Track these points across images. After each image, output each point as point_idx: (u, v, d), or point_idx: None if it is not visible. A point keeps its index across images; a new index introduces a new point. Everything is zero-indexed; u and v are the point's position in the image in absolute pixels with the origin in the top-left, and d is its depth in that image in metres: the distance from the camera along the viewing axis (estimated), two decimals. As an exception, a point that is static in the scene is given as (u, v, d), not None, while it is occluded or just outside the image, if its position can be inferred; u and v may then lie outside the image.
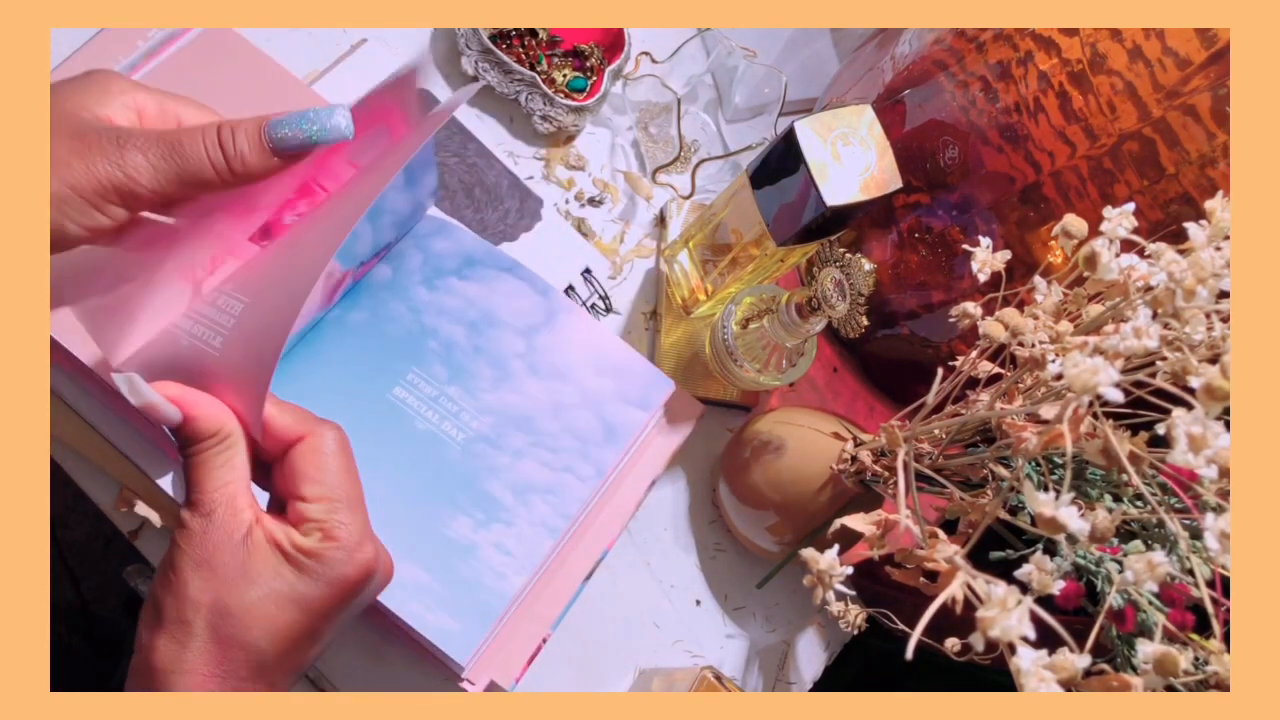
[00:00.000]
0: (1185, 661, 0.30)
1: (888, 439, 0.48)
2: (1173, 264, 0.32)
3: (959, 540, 0.40)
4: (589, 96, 0.68)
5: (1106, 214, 0.37)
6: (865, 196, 0.52)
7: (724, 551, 0.67)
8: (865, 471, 0.54)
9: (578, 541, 0.58)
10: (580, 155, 0.71)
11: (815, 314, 0.55)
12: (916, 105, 0.56)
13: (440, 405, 0.56)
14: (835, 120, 0.53)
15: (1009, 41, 0.51)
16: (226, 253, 0.39)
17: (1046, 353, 0.37)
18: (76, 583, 1.03)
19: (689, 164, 0.72)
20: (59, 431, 0.55)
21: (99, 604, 1.10)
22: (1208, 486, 0.35)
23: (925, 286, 0.57)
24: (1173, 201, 0.47)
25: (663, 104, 0.71)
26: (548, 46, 0.68)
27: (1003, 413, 0.40)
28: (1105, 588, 0.41)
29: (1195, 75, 0.45)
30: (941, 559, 0.38)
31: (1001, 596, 0.29)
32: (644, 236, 0.71)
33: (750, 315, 0.61)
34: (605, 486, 0.58)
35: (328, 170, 0.41)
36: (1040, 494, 0.29)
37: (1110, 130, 0.48)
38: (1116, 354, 0.31)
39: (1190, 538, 0.37)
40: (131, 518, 0.57)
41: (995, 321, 0.39)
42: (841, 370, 0.71)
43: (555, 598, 0.57)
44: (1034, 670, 0.28)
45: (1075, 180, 0.50)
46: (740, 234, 0.59)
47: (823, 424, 0.59)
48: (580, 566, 0.58)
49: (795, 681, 0.67)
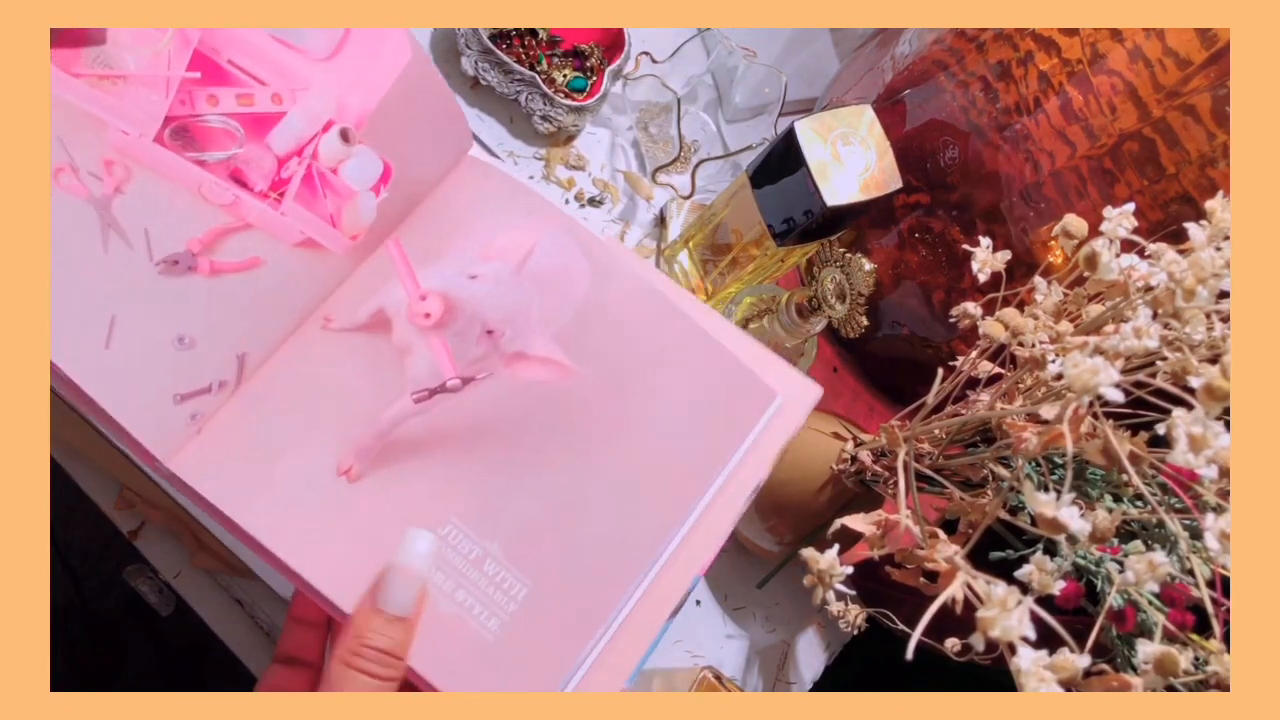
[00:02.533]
0: (1185, 661, 0.30)
1: (888, 439, 0.48)
2: (1173, 264, 0.32)
3: (959, 540, 0.40)
4: (589, 96, 0.68)
5: (1106, 214, 0.37)
6: (865, 196, 0.52)
7: (724, 551, 0.67)
8: (865, 471, 0.54)
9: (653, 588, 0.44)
10: (580, 155, 0.71)
11: (815, 314, 0.55)
12: (916, 105, 0.56)
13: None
14: (835, 120, 0.53)
15: (1009, 41, 0.51)
16: (127, 155, 0.36)
17: (1046, 353, 0.37)
18: (77, 583, 1.03)
19: (689, 164, 0.72)
20: (59, 431, 0.55)
21: (99, 604, 1.10)
22: (1208, 486, 0.35)
23: (925, 286, 0.57)
24: (1173, 201, 0.47)
25: (663, 104, 0.71)
26: (548, 46, 0.68)
27: (1003, 413, 0.40)
28: (1105, 588, 0.41)
29: (1195, 75, 0.45)
30: (941, 559, 0.38)
31: (1001, 597, 0.29)
32: (644, 236, 0.71)
33: (750, 315, 0.61)
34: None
35: (236, 42, 0.38)
36: (1040, 494, 0.29)
37: (1110, 130, 0.48)
38: (1116, 354, 0.31)
39: (1190, 538, 0.37)
40: (131, 518, 0.57)
41: (995, 321, 0.39)
42: (841, 370, 0.71)
43: (629, 648, 0.43)
44: (1034, 670, 0.28)
45: (1075, 180, 0.50)
46: (740, 234, 0.59)
47: (823, 424, 0.59)
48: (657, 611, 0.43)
49: (795, 682, 0.67)
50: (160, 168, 0.37)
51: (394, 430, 0.41)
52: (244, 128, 0.38)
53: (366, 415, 0.41)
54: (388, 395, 0.41)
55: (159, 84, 0.36)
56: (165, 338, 0.37)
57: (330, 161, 0.40)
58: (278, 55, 0.39)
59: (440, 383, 0.42)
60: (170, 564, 0.58)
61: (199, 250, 0.37)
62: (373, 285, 0.43)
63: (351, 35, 0.41)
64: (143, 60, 0.36)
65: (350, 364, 0.41)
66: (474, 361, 0.42)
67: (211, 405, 0.39)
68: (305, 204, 0.40)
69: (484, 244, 0.45)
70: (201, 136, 0.37)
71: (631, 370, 0.44)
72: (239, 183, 0.38)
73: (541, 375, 0.43)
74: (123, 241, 0.36)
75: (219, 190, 0.38)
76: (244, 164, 0.38)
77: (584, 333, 0.44)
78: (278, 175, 0.39)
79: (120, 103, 0.35)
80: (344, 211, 0.41)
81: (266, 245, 0.39)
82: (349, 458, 0.40)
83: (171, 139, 0.37)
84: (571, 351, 0.44)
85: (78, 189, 0.35)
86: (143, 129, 0.36)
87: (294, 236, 0.40)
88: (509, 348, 0.43)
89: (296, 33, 0.39)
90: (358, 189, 0.41)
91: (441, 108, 0.43)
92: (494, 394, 0.42)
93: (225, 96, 0.38)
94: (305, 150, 0.40)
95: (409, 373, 0.42)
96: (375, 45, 0.41)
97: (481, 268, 0.44)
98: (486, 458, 0.41)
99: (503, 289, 0.44)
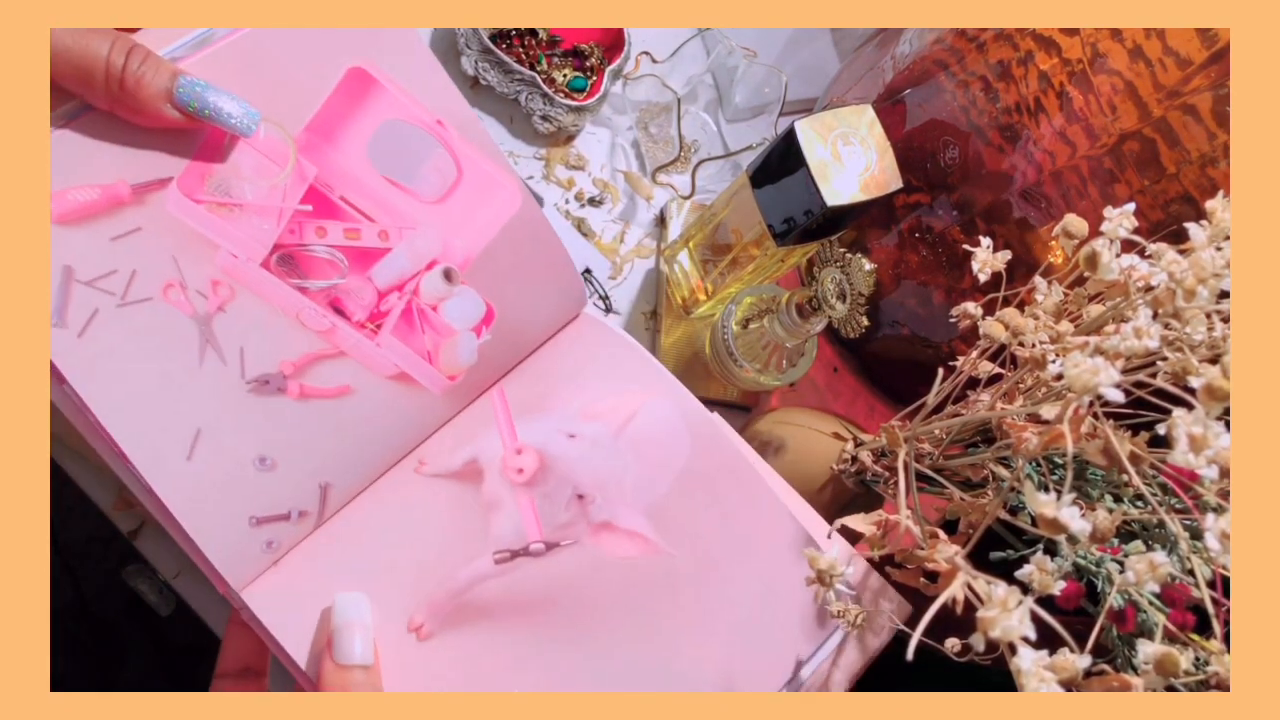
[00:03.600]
0: (1186, 662, 0.30)
1: (888, 439, 0.48)
2: (1173, 264, 0.32)
3: (959, 540, 0.40)
4: (589, 96, 0.68)
5: (1107, 214, 0.37)
6: (865, 196, 0.52)
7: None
8: (865, 471, 0.54)
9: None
10: (580, 155, 0.71)
11: (815, 314, 0.55)
12: (917, 105, 0.56)
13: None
14: (835, 120, 0.53)
15: (1009, 41, 0.51)
16: (233, 277, 0.37)
17: (1047, 353, 0.37)
18: (77, 583, 1.03)
19: (689, 164, 0.72)
20: (59, 431, 0.55)
21: (99, 604, 1.10)
22: (1208, 487, 0.35)
23: (925, 286, 0.57)
24: (1173, 201, 0.47)
25: (663, 104, 0.71)
26: (548, 46, 0.68)
27: (1003, 413, 0.40)
28: (1106, 588, 0.41)
29: (1196, 75, 0.45)
30: (942, 559, 0.38)
31: (1002, 597, 0.29)
32: (644, 236, 0.71)
33: (750, 315, 0.61)
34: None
35: (349, 181, 0.39)
36: (1041, 494, 0.29)
37: (1111, 130, 0.48)
38: (1117, 354, 0.30)
39: (1191, 538, 0.37)
40: (131, 518, 0.57)
41: (995, 321, 0.39)
42: (841, 370, 0.71)
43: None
44: (1034, 671, 0.28)
45: (1075, 180, 0.50)
46: (740, 234, 0.59)
47: (823, 424, 0.59)
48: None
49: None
50: (263, 291, 0.37)
51: (470, 590, 0.39)
52: (348, 260, 0.39)
53: (445, 570, 0.40)
54: (469, 551, 0.40)
55: (272, 213, 0.37)
56: (247, 456, 0.37)
57: (431, 299, 0.41)
58: (388, 195, 0.40)
59: (524, 545, 0.40)
60: (170, 564, 0.58)
61: (291, 373, 0.38)
62: (472, 432, 0.42)
63: (463, 181, 0.41)
64: (259, 191, 0.37)
65: (436, 513, 0.40)
66: (560, 527, 0.41)
67: (290, 535, 0.38)
68: (402, 337, 0.40)
69: (588, 403, 0.43)
70: (306, 265, 0.38)
71: (720, 557, 0.43)
72: (338, 311, 0.39)
73: (627, 551, 0.42)
74: (218, 357, 0.37)
75: (317, 317, 0.38)
76: (345, 294, 0.39)
77: (676, 510, 0.43)
78: (377, 308, 0.40)
79: (234, 228, 0.37)
80: (442, 349, 0.41)
81: (359, 374, 0.39)
82: (421, 614, 0.39)
83: (277, 265, 0.38)
84: (661, 529, 0.42)
85: (183, 305, 0.36)
86: (252, 254, 0.37)
87: (388, 369, 0.40)
88: (597, 516, 0.42)
89: (410, 175, 0.40)
90: (458, 328, 0.41)
91: (550, 258, 0.43)
92: (576, 565, 0.41)
93: (333, 229, 0.39)
94: (407, 286, 0.40)
95: (493, 530, 0.41)
96: (485, 192, 0.41)
97: (581, 427, 0.43)
98: (559, 635, 0.40)
99: (599, 453, 0.43)
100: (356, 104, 0.39)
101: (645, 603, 0.41)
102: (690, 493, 0.43)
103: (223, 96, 0.34)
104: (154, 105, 0.33)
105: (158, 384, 0.35)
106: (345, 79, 0.38)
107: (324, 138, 0.38)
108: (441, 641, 0.39)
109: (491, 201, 0.41)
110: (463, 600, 0.39)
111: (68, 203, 0.34)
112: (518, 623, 0.40)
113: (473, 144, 0.41)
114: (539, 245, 0.42)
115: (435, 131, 0.40)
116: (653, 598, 0.41)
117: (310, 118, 0.38)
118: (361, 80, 0.38)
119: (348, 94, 0.38)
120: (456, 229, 0.41)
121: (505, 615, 0.40)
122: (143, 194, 0.35)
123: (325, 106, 0.38)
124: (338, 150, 0.39)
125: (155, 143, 0.35)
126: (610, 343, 0.45)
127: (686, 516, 0.43)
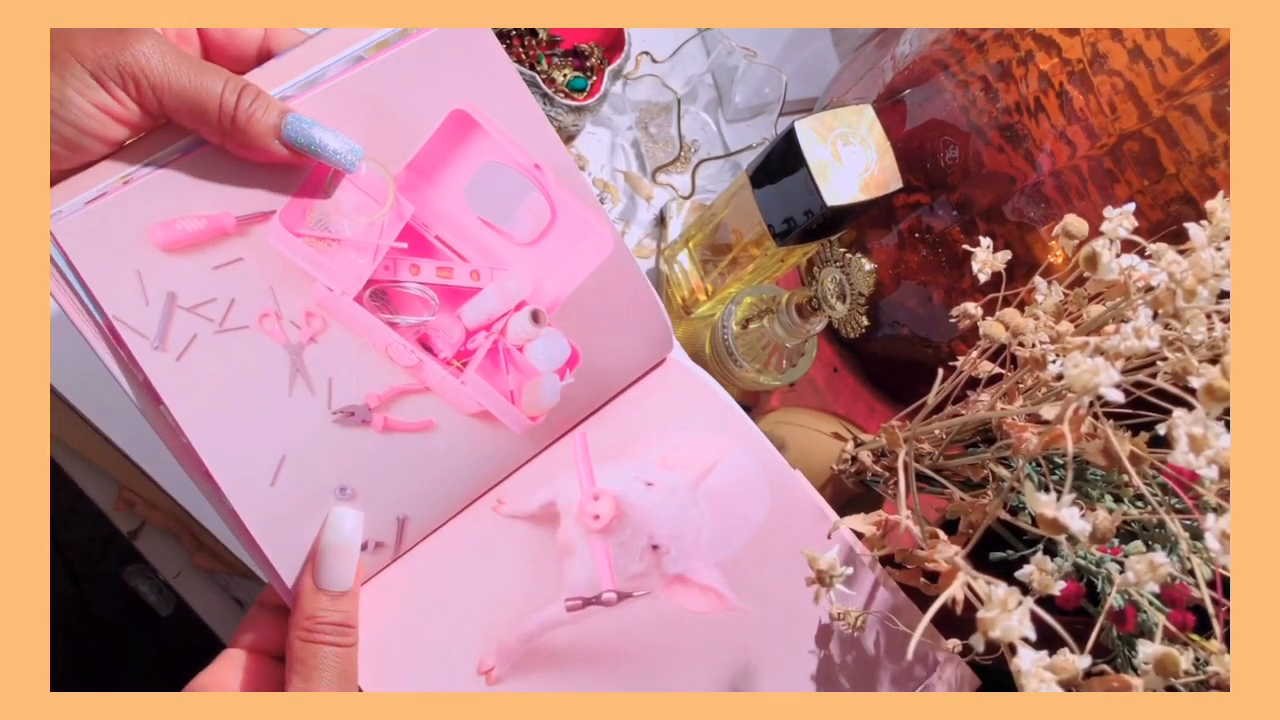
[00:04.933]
0: (1186, 662, 0.30)
1: (888, 439, 0.48)
2: (1173, 264, 0.32)
3: (959, 541, 0.40)
4: (589, 96, 0.68)
5: (1107, 214, 0.37)
6: (865, 196, 0.52)
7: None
8: (865, 472, 0.54)
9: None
10: (580, 155, 0.71)
11: (815, 314, 0.55)
12: (917, 105, 0.56)
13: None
14: (835, 120, 0.53)
15: (1009, 41, 0.51)
16: (326, 309, 0.38)
17: (1047, 353, 0.37)
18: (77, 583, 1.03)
19: (689, 164, 0.72)
20: (59, 431, 0.55)
21: (99, 604, 1.10)
22: (1208, 487, 0.35)
23: (925, 286, 0.57)
24: (1173, 201, 0.47)
25: (663, 104, 0.71)
26: (548, 46, 0.68)
27: (1003, 413, 0.40)
28: (1106, 588, 0.41)
29: (1196, 75, 0.45)
30: (942, 559, 0.38)
31: (1002, 597, 0.29)
32: (644, 236, 0.71)
33: (750, 315, 0.61)
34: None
35: (445, 220, 0.40)
36: (1041, 494, 0.29)
37: (1111, 130, 0.48)
38: (1117, 354, 0.30)
39: (1191, 538, 0.37)
40: (131, 518, 0.57)
41: (995, 322, 0.39)
42: (841, 370, 0.71)
43: None
44: (1034, 671, 0.28)
45: (1075, 180, 0.50)
46: (740, 234, 0.59)
47: (823, 424, 0.59)
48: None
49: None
50: (355, 324, 0.38)
51: (541, 636, 0.40)
52: (439, 298, 0.40)
53: (517, 613, 0.40)
54: (542, 596, 0.40)
55: (368, 250, 0.38)
56: (329, 485, 0.38)
57: (518, 339, 0.41)
58: (483, 236, 0.40)
59: (596, 593, 0.40)
60: (170, 564, 0.58)
61: (376, 405, 0.38)
62: (551, 475, 0.42)
63: (556, 224, 0.41)
64: (358, 227, 0.38)
65: (512, 555, 0.40)
66: (634, 576, 0.41)
67: (366, 566, 0.39)
68: (487, 376, 0.40)
69: (667, 451, 0.43)
70: (398, 301, 0.39)
71: (794, 614, 0.42)
72: (426, 348, 0.39)
73: (699, 605, 0.41)
74: (307, 387, 0.38)
75: (405, 352, 0.39)
76: (434, 331, 0.40)
77: (753, 566, 0.42)
78: (464, 346, 0.40)
79: (331, 263, 0.38)
80: (525, 389, 0.41)
81: (442, 411, 0.39)
82: (492, 657, 0.39)
83: (370, 299, 0.38)
84: (736, 584, 0.42)
85: (277, 335, 0.37)
86: (346, 288, 0.38)
87: (471, 406, 0.40)
88: (671, 568, 0.42)
89: (504, 217, 0.41)
90: (542, 369, 0.41)
91: (639, 304, 0.43)
92: (648, 616, 0.41)
93: (427, 267, 0.40)
94: (494, 326, 0.41)
95: (567, 577, 0.40)
96: (578, 236, 0.42)
97: (659, 476, 0.43)
98: (628, 686, 0.40)
99: (676, 503, 0.42)
100: (457, 145, 0.39)
101: (715, 660, 0.41)
102: (767, 548, 0.43)
103: (328, 133, 0.35)
104: (263, 141, 0.35)
105: (248, 410, 0.36)
106: (448, 120, 0.39)
107: (423, 177, 0.39)
108: (510, 686, 0.39)
109: (583, 246, 0.42)
110: (533, 645, 0.40)
111: (176, 232, 0.35)
112: (586, 673, 0.40)
113: (568, 189, 0.41)
114: (628, 290, 0.43)
115: (533, 175, 0.41)
116: (723, 656, 0.41)
117: (411, 157, 0.38)
118: (464, 122, 0.39)
119: (449, 135, 0.39)
120: (547, 272, 0.41)
121: (574, 664, 0.40)
122: (246, 226, 0.36)
123: (427, 147, 0.39)
124: (436, 190, 0.39)
125: (261, 178, 0.36)
126: (694, 389, 0.45)
127: (762, 573, 0.43)
